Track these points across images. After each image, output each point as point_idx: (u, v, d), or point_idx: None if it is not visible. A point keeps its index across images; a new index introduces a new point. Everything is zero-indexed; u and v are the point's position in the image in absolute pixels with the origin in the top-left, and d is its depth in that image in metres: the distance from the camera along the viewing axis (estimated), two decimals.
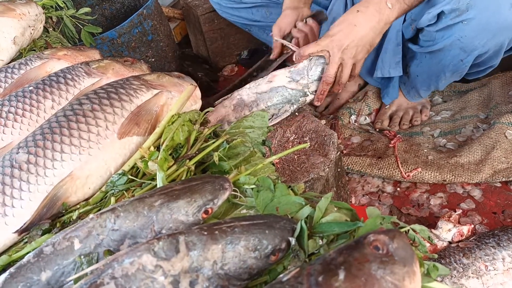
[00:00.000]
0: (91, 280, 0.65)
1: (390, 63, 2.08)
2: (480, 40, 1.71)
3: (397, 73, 2.10)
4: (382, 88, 2.26)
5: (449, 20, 1.68)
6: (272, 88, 1.64)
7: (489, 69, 1.98)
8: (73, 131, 1.01)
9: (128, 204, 0.79)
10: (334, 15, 2.12)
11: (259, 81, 1.67)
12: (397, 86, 2.19)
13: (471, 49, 1.76)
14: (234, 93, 1.69)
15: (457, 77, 2.00)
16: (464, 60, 1.82)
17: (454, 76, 1.98)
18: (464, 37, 1.71)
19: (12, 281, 0.74)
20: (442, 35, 1.78)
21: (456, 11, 1.64)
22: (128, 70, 1.32)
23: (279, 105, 1.66)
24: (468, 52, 1.78)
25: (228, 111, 1.64)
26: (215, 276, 0.69)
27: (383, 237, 0.61)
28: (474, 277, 1.36)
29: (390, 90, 2.20)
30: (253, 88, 1.66)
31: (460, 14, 1.64)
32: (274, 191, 0.88)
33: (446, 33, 1.76)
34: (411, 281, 0.58)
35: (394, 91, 2.20)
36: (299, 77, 1.63)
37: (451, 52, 1.81)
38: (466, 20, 1.65)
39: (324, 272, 0.58)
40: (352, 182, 1.93)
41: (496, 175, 1.76)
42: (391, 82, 2.19)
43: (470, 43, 1.73)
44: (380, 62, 2.10)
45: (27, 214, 0.95)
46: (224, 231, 0.72)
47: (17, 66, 1.39)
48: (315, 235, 0.78)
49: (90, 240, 0.77)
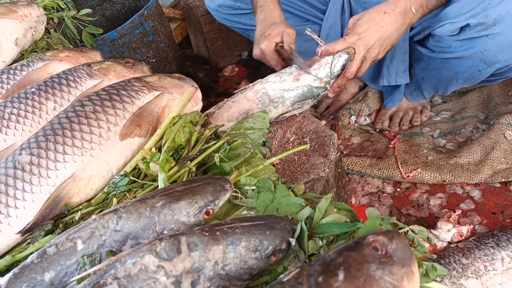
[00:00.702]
0: (94, 281, 0.66)
1: (397, 72, 2.07)
2: (503, 55, 1.69)
3: (404, 81, 2.09)
4: (386, 94, 2.25)
5: (474, 32, 1.66)
6: (298, 86, 1.63)
7: (502, 79, 1.97)
8: (75, 133, 1.02)
9: (130, 205, 0.80)
10: (331, 21, 2.11)
11: (284, 76, 1.64)
12: (402, 92, 2.18)
13: (493, 62, 1.74)
14: (256, 85, 1.66)
15: (470, 84, 1.98)
16: (482, 71, 1.80)
17: (467, 83, 1.96)
18: (487, 50, 1.69)
19: (16, 281, 0.75)
20: (462, 45, 1.76)
21: (483, 25, 1.62)
22: (129, 71, 1.33)
23: (303, 101, 1.66)
24: (489, 65, 1.76)
25: (252, 105, 1.62)
26: (216, 277, 0.70)
27: (382, 238, 0.62)
28: (473, 277, 1.37)
29: (396, 96, 2.19)
30: (278, 84, 1.64)
31: (487, 28, 1.62)
32: (274, 192, 0.89)
33: (467, 44, 1.73)
34: (410, 281, 0.59)
35: (400, 96, 2.19)
36: (323, 75, 1.62)
37: (469, 61, 1.79)
38: (492, 34, 1.62)
39: (323, 273, 0.59)
40: (352, 183, 1.94)
41: (495, 175, 1.76)
42: (397, 89, 2.18)
43: (492, 57, 1.72)
44: (386, 71, 2.08)
45: (30, 215, 0.96)
46: (225, 232, 0.73)
47: (19, 67, 1.40)
48: (315, 236, 0.79)
49: (93, 241, 0.78)
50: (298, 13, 2.21)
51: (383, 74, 2.08)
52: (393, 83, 2.10)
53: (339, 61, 1.60)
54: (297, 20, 2.21)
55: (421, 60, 2.01)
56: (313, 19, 2.21)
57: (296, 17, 2.22)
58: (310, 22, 2.23)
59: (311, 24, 2.22)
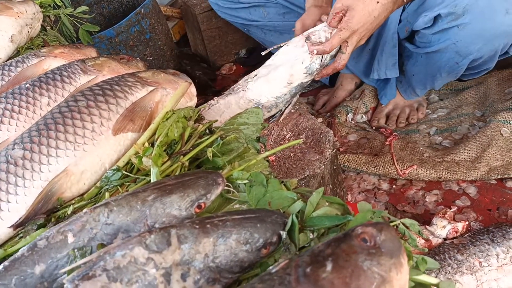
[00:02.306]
0: (83, 272, 0.66)
1: (387, 65, 2.08)
2: (475, 45, 1.72)
3: (394, 75, 2.11)
4: (380, 89, 2.27)
5: (445, 23, 1.69)
6: (292, 88, 1.61)
7: (484, 72, 2.00)
8: (68, 128, 1.02)
9: (121, 198, 0.80)
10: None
11: (276, 84, 1.59)
12: (394, 87, 2.20)
13: (466, 54, 1.77)
14: (247, 93, 1.63)
15: (453, 77, 2.01)
16: (460, 63, 1.84)
17: (450, 76, 1.99)
18: (460, 41, 1.72)
19: (6, 274, 0.74)
20: (438, 38, 1.79)
21: (453, 15, 1.65)
22: (124, 67, 1.33)
23: (294, 96, 1.65)
24: (463, 56, 1.79)
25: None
26: (206, 269, 0.70)
27: (370, 230, 0.62)
28: (468, 273, 1.37)
29: (388, 90, 2.21)
30: (269, 89, 1.60)
31: (456, 18, 1.65)
32: (266, 186, 0.89)
33: (441, 37, 1.76)
34: (398, 272, 0.59)
35: (392, 91, 2.20)
36: (314, 69, 1.60)
37: (446, 54, 1.82)
38: (462, 24, 1.65)
39: (312, 264, 0.59)
40: (348, 180, 1.94)
41: (491, 172, 1.77)
42: (389, 83, 2.19)
43: (465, 48, 1.74)
44: (376, 64, 2.10)
45: (22, 209, 0.96)
46: (215, 224, 0.73)
47: (14, 64, 1.40)
48: (306, 228, 0.79)
49: (84, 234, 0.78)
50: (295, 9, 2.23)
51: (374, 67, 2.10)
52: (383, 76, 2.11)
53: (331, 54, 1.58)
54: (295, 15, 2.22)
55: (410, 57, 2.04)
56: None
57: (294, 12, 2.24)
58: None
59: None
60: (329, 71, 1.62)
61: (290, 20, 2.24)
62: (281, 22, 2.29)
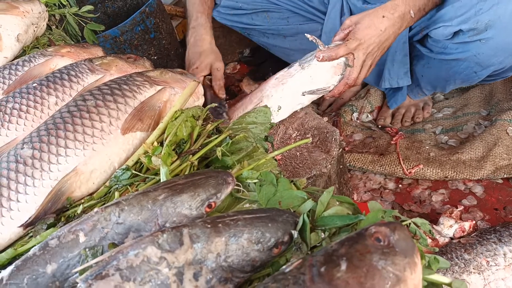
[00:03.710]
0: (96, 272, 0.66)
1: (398, 74, 2.06)
2: (497, 58, 1.70)
3: (406, 83, 2.09)
4: (389, 95, 2.25)
5: (466, 37, 1.66)
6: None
7: (500, 79, 1.98)
8: (77, 127, 1.02)
9: (132, 198, 0.80)
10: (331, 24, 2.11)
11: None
12: (405, 93, 2.18)
13: (488, 65, 1.75)
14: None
15: (466, 84, 1.99)
16: (478, 73, 1.81)
17: (464, 83, 1.97)
18: (482, 54, 1.69)
19: (18, 274, 0.75)
20: (457, 48, 1.76)
21: (475, 30, 1.62)
22: (131, 66, 1.33)
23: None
24: (484, 67, 1.77)
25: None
26: (218, 268, 0.70)
27: (384, 229, 0.62)
28: (476, 273, 1.37)
29: (399, 97, 2.19)
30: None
31: (478, 33, 1.62)
32: (276, 186, 0.89)
33: (461, 47, 1.73)
34: (412, 271, 0.59)
35: (402, 97, 2.19)
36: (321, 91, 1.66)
37: (465, 63, 1.80)
38: (484, 39, 1.63)
39: (326, 263, 0.59)
40: (354, 179, 1.94)
41: (497, 171, 1.76)
42: (400, 90, 2.18)
43: (487, 60, 1.72)
44: (387, 74, 2.07)
45: (32, 208, 0.96)
46: (227, 224, 0.73)
47: (21, 63, 1.40)
48: (317, 228, 0.79)
49: (95, 233, 0.78)
50: (300, 12, 2.21)
51: (385, 77, 2.07)
52: (395, 85, 2.10)
53: (338, 67, 1.60)
54: (299, 19, 2.21)
55: (421, 58, 2.01)
56: (314, 18, 2.21)
57: (298, 15, 2.22)
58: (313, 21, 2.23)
59: (313, 23, 2.22)
60: (341, 88, 1.64)
61: (294, 23, 2.22)
62: (286, 26, 2.27)
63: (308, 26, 2.20)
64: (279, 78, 1.67)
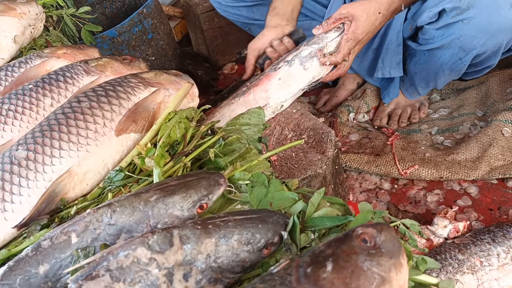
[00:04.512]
0: (86, 272, 0.66)
1: (391, 64, 2.09)
2: (479, 39, 1.73)
3: (398, 74, 2.12)
4: (382, 88, 2.27)
5: (449, 18, 1.70)
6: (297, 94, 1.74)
7: (486, 69, 2.00)
8: (71, 128, 1.03)
9: (124, 199, 0.81)
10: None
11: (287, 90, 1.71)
12: (397, 86, 2.20)
13: (470, 49, 1.78)
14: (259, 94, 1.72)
15: (456, 75, 2.01)
16: (463, 59, 1.84)
17: (453, 74, 1.99)
18: (464, 36, 1.73)
19: (10, 274, 0.75)
20: (442, 33, 1.79)
21: (457, 9, 1.66)
22: (126, 68, 1.34)
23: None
24: (467, 51, 1.80)
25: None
26: (208, 269, 0.70)
27: (370, 230, 0.63)
28: (469, 273, 1.37)
29: (391, 90, 2.21)
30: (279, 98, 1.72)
31: (461, 13, 1.66)
32: (268, 187, 0.90)
33: (446, 32, 1.77)
34: (398, 272, 0.60)
35: (395, 91, 2.21)
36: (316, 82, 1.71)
37: (450, 50, 1.83)
38: (467, 19, 1.66)
39: (312, 264, 0.60)
40: (350, 179, 1.94)
41: (492, 172, 1.77)
42: (392, 82, 2.20)
43: (469, 43, 1.75)
44: (381, 63, 2.11)
45: (26, 209, 0.97)
46: (217, 225, 0.74)
47: (17, 64, 1.41)
48: (307, 229, 0.80)
49: (87, 235, 0.78)
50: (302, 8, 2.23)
51: (378, 66, 2.12)
52: (387, 75, 2.13)
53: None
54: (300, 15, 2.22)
55: (413, 56, 2.05)
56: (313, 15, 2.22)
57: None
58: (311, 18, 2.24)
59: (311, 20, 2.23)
60: (333, 77, 1.69)
61: None
62: None
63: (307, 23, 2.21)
64: (282, 79, 1.68)
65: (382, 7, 1.62)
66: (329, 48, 1.64)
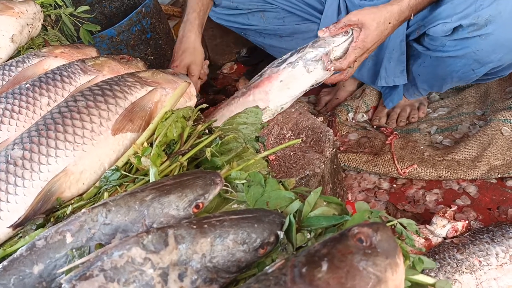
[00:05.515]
0: (80, 272, 0.66)
1: (395, 72, 2.07)
2: (496, 54, 1.69)
3: (402, 81, 2.09)
4: (385, 94, 2.26)
5: (466, 33, 1.66)
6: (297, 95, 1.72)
7: (497, 78, 1.97)
8: (67, 128, 1.02)
9: (119, 198, 0.81)
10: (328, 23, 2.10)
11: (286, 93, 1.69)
12: (401, 93, 2.18)
13: (486, 62, 1.74)
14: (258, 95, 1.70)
15: (464, 83, 1.98)
16: (476, 70, 1.80)
17: (461, 82, 1.97)
18: (481, 50, 1.69)
19: (4, 274, 0.75)
20: (455, 45, 1.76)
21: (475, 25, 1.62)
22: (124, 67, 1.33)
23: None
24: (482, 64, 1.76)
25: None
26: (203, 269, 0.70)
27: (366, 230, 0.62)
28: (468, 272, 1.37)
29: (395, 96, 2.19)
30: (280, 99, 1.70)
31: (479, 29, 1.62)
32: (264, 186, 0.90)
33: (460, 44, 1.73)
34: (393, 272, 0.59)
35: (399, 97, 2.19)
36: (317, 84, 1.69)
37: (463, 61, 1.79)
38: (484, 35, 1.62)
39: (307, 264, 0.60)
40: (348, 179, 1.94)
41: (491, 171, 1.77)
42: (396, 89, 2.19)
43: (486, 57, 1.72)
44: (384, 72, 2.08)
45: (22, 209, 0.96)
46: (213, 224, 0.73)
47: (14, 63, 1.40)
48: (304, 228, 0.79)
49: (82, 234, 0.78)
50: (296, 12, 2.21)
51: (381, 75, 2.07)
52: (391, 83, 2.10)
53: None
54: (295, 19, 2.21)
55: (417, 57, 2.01)
56: (311, 18, 2.21)
57: (294, 15, 2.22)
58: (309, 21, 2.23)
59: (309, 23, 2.22)
60: (334, 81, 1.69)
61: (290, 23, 2.22)
62: (281, 26, 2.27)
63: (305, 26, 2.20)
64: (284, 81, 1.65)
65: (392, 17, 1.58)
66: (335, 53, 1.60)
